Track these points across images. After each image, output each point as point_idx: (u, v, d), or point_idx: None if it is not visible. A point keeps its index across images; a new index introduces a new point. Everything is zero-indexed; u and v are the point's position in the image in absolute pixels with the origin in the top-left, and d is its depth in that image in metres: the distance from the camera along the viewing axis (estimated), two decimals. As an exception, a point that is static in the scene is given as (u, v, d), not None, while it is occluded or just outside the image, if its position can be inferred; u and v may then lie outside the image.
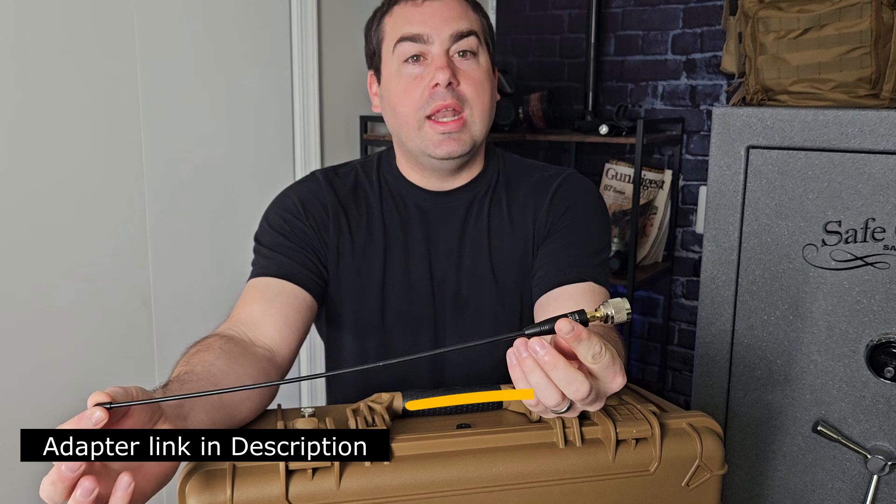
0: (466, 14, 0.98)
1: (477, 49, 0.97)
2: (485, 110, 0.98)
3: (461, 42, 0.95)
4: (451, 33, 0.95)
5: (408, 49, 0.95)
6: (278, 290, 0.95)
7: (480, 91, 0.96)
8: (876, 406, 1.38)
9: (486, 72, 0.99)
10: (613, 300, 0.65)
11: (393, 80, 0.98)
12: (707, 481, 0.77)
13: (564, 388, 0.59)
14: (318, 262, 1.01)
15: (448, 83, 0.93)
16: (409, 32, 0.95)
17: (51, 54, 1.39)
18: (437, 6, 0.96)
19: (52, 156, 1.41)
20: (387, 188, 1.06)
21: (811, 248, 1.41)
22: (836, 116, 1.36)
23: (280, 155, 1.84)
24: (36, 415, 1.42)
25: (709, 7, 2.11)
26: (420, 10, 0.96)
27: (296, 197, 1.03)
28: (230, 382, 0.77)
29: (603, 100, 2.33)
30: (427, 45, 0.95)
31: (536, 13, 2.44)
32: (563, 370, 0.59)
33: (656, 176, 2.19)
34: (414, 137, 0.97)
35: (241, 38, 1.72)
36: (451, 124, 0.95)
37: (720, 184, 1.48)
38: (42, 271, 1.42)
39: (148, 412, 0.62)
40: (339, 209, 1.03)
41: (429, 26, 0.95)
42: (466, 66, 0.96)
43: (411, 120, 0.96)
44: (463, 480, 0.71)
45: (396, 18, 0.97)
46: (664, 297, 2.31)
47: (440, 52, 0.95)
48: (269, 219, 1.03)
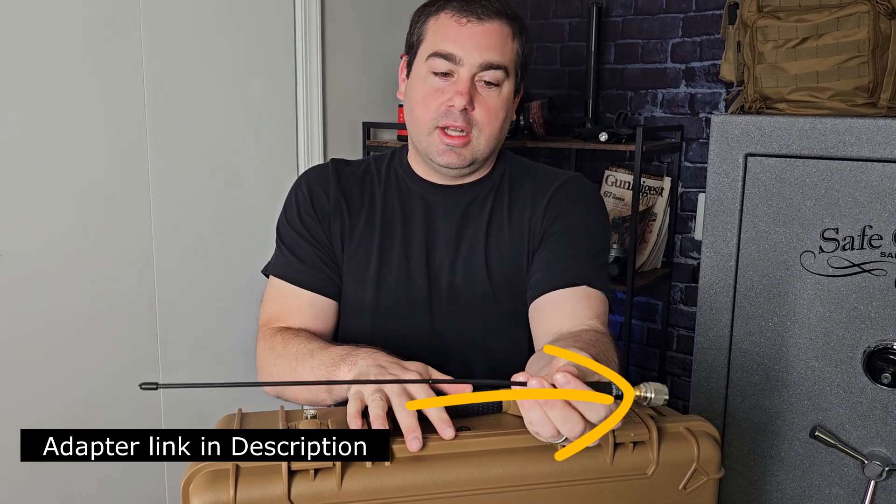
0: (504, 44, 1.01)
1: (502, 81, 1.01)
2: (493, 134, 1.03)
3: (488, 73, 1.00)
4: (481, 62, 0.99)
5: (438, 65, 1.00)
6: (311, 302, 1.06)
7: (493, 118, 1.02)
8: (873, 412, 1.39)
9: (506, 100, 1.03)
10: (655, 384, 0.67)
11: (418, 84, 1.03)
12: (704, 485, 0.78)
13: (560, 426, 0.63)
14: (333, 259, 1.08)
15: (463, 108, 0.98)
16: (444, 50, 0.99)
17: (58, 61, 1.40)
18: (478, 31, 0.99)
19: (59, 160, 1.43)
20: (394, 178, 1.12)
21: (809, 254, 1.42)
22: (834, 125, 1.37)
23: (284, 160, 1.85)
24: (40, 415, 1.43)
25: (708, 16, 2.12)
26: (460, 31, 0.99)
27: (306, 188, 1.10)
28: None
29: (603, 107, 2.35)
30: (457, 65, 0.99)
31: (537, 21, 2.46)
32: (560, 410, 0.62)
33: (655, 183, 2.20)
34: (423, 139, 1.03)
35: (246, 44, 1.73)
36: (456, 139, 1.01)
37: (719, 191, 1.50)
38: (48, 274, 1.43)
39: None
40: (340, 196, 1.09)
41: (463, 49, 0.99)
42: (486, 93, 1.01)
43: (424, 125, 1.02)
44: (462, 482, 0.71)
45: (439, 28, 1.01)
46: (663, 302, 2.32)
47: (466, 76, 0.99)
48: (288, 215, 1.11)
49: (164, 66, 1.56)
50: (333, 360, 0.89)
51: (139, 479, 1.62)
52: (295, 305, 1.06)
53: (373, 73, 2.06)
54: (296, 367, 0.94)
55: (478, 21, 0.99)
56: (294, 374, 0.94)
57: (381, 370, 0.81)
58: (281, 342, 0.98)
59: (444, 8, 1.01)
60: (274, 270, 1.09)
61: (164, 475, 1.68)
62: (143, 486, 1.64)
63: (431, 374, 0.82)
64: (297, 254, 1.07)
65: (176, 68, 1.59)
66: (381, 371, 0.81)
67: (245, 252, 1.78)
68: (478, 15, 0.99)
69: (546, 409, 0.62)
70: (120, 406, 1.57)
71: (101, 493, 1.55)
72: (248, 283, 1.81)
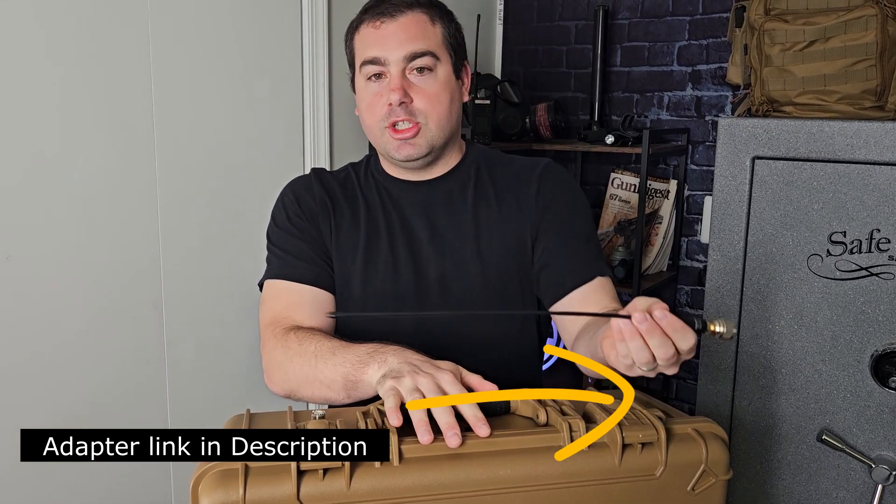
0: (424, 32, 1.06)
1: (433, 65, 1.06)
2: (441, 118, 1.07)
3: (416, 61, 1.04)
4: (405, 55, 1.04)
5: (369, 70, 1.06)
6: (313, 296, 1.09)
7: (435, 103, 1.06)
8: (881, 416, 1.38)
9: (444, 82, 1.07)
10: (724, 319, 0.79)
11: (360, 95, 1.10)
12: (712, 486, 0.78)
13: (656, 350, 0.72)
14: (327, 255, 1.11)
15: (400, 102, 1.03)
16: (370, 56, 1.05)
17: (64, 62, 1.41)
18: (394, 28, 1.05)
19: (66, 162, 1.43)
20: (372, 181, 1.16)
21: (816, 258, 1.42)
22: (842, 128, 1.37)
23: (290, 161, 1.86)
24: (45, 417, 1.44)
25: (714, 19, 2.12)
26: (379, 33, 1.05)
27: (291, 194, 1.15)
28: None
29: (609, 110, 2.35)
30: (384, 66, 1.05)
31: (543, 24, 2.46)
32: (659, 337, 0.72)
33: (661, 186, 2.20)
34: (379, 142, 1.09)
35: (253, 46, 1.74)
36: (405, 132, 1.05)
37: (726, 194, 1.49)
38: (55, 275, 1.43)
39: None
40: (326, 199, 1.13)
41: (386, 49, 1.04)
42: (422, 81, 1.05)
43: (375, 129, 1.08)
44: (471, 482, 0.71)
45: (361, 39, 1.08)
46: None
47: (396, 72, 1.04)
48: (277, 221, 1.15)
49: (171, 67, 1.57)
50: (361, 357, 0.90)
51: (144, 479, 1.62)
52: (298, 301, 1.08)
53: (379, 75, 2.06)
54: (316, 364, 0.94)
55: (391, 19, 1.04)
56: (314, 371, 0.94)
57: (413, 368, 0.82)
58: (296, 340, 0.99)
59: (361, 21, 1.08)
60: (270, 274, 1.12)
61: (170, 476, 1.68)
62: (149, 487, 1.64)
63: (462, 373, 0.83)
64: (291, 252, 1.10)
65: (183, 69, 1.60)
66: (414, 369, 0.81)
67: (252, 253, 1.79)
68: (390, 14, 1.05)
69: (647, 337, 0.72)
70: (126, 407, 1.58)
71: (105, 494, 1.55)
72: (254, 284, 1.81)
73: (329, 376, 0.93)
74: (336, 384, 0.92)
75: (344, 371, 0.91)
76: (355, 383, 0.90)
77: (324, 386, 0.94)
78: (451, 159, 1.15)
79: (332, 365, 0.93)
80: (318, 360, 0.94)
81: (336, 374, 0.92)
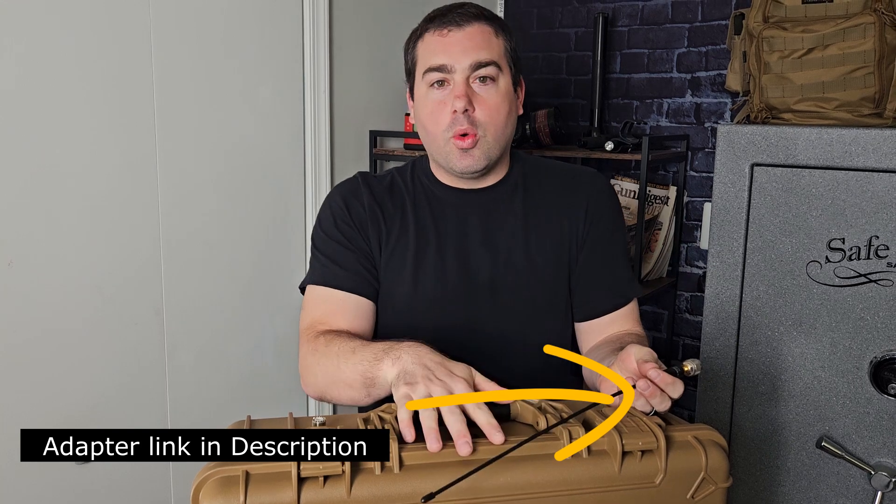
0: (489, 42, 1.07)
1: (496, 75, 1.08)
2: (498, 130, 1.09)
3: (480, 70, 1.06)
4: (471, 63, 1.06)
5: (432, 77, 1.08)
6: (355, 304, 1.11)
7: (495, 114, 1.08)
8: (880, 422, 1.38)
9: (505, 94, 1.09)
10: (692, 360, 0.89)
11: (422, 102, 1.11)
12: (712, 494, 0.78)
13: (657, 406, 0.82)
14: (371, 264, 1.13)
15: (465, 110, 1.05)
16: (435, 63, 1.07)
17: (67, 69, 1.41)
18: (461, 37, 1.07)
19: (68, 168, 1.44)
20: (420, 187, 1.18)
21: (815, 264, 1.42)
22: (840, 135, 1.37)
23: (291, 168, 1.86)
24: (47, 421, 1.44)
25: (714, 26, 2.13)
26: (445, 41, 1.07)
27: (340, 199, 1.16)
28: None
29: (609, 117, 2.35)
30: (450, 73, 1.06)
31: (543, 31, 2.47)
32: (659, 396, 0.81)
33: (661, 192, 2.21)
34: (441, 151, 1.10)
35: (254, 53, 1.74)
36: (466, 140, 1.07)
37: (725, 200, 1.50)
38: (56, 280, 1.44)
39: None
40: (375, 205, 1.14)
41: (452, 57, 1.06)
42: (484, 91, 1.07)
43: (438, 138, 1.09)
44: (471, 490, 0.72)
45: (426, 47, 1.09)
46: (668, 312, 2.32)
47: (461, 80, 1.06)
48: (324, 226, 1.16)
49: (173, 74, 1.58)
50: (376, 354, 0.91)
51: (144, 480, 1.62)
52: (338, 309, 1.10)
53: (380, 81, 2.07)
54: (338, 364, 0.96)
55: (458, 28, 1.07)
56: (338, 371, 0.96)
57: (427, 374, 0.81)
58: (323, 343, 1.01)
59: (426, 29, 1.10)
60: (313, 279, 1.13)
61: (170, 477, 1.68)
62: (149, 487, 1.64)
63: (475, 376, 0.83)
64: (336, 261, 1.12)
65: (185, 76, 1.60)
66: (428, 375, 0.81)
67: (252, 259, 1.79)
68: (457, 23, 1.07)
69: (649, 398, 0.81)
70: (127, 413, 1.58)
71: (105, 494, 1.55)
72: (255, 289, 1.81)
73: (350, 376, 0.94)
74: (356, 383, 0.93)
75: (362, 369, 0.91)
76: (373, 380, 0.90)
77: (346, 386, 0.95)
78: (500, 170, 1.17)
79: (351, 364, 0.94)
80: (340, 360, 0.96)
81: (355, 372, 0.93)
